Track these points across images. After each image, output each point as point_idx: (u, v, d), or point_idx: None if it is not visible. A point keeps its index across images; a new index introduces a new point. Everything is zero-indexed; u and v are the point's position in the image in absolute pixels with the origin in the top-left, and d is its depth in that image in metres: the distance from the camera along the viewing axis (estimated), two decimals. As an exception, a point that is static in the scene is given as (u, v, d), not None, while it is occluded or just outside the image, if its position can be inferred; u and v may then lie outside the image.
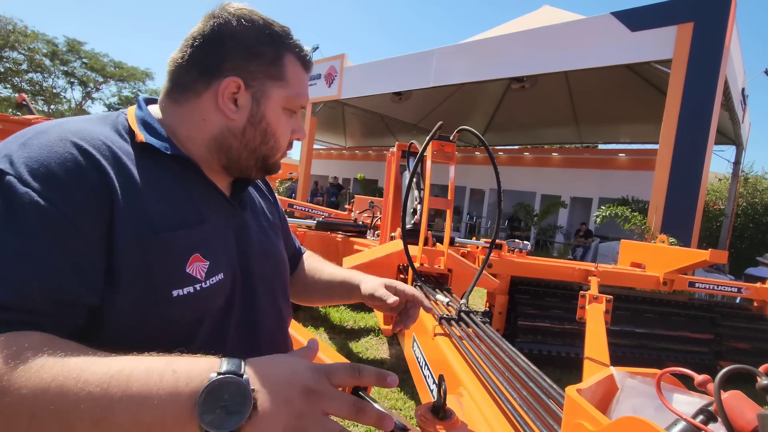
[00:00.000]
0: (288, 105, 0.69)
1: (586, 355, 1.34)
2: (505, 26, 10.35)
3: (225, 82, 0.64)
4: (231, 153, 0.68)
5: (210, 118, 0.66)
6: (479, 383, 0.81)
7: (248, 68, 0.65)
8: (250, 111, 0.66)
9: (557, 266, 3.29)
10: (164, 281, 0.57)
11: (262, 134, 0.68)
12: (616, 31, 5.53)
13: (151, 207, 0.57)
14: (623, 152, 13.67)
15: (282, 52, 0.67)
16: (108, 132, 0.59)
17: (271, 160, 0.72)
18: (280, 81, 0.67)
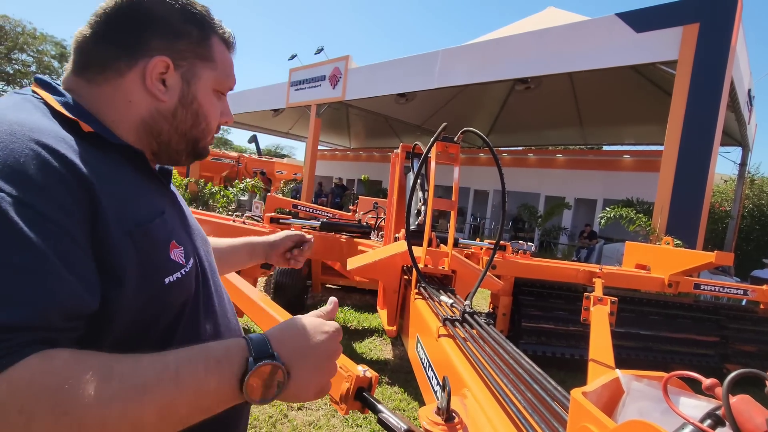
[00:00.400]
0: (218, 86, 0.68)
1: (591, 357, 1.34)
2: (510, 27, 10.33)
3: (153, 61, 0.60)
4: (161, 137, 0.65)
5: (137, 99, 0.61)
6: (483, 385, 0.80)
7: (176, 47, 0.62)
8: (180, 92, 0.64)
9: (561, 268, 3.28)
10: (156, 271, 0.57)
11: (193, 116, 0.66)
12: (621, 33, 5.51)
13: (124, 199, 0.55)
14: (628, 153, 13.60)
15: (208, 32, 0.65)
16: (52, 123, 0.53)
17: (202, 144, 0.70)
18: (209, 62, 0.66)
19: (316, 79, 10.14)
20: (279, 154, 41.63)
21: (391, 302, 1.80)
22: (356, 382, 0.88)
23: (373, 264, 1.77)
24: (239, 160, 16.18)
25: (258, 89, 12.77)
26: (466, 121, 13.05)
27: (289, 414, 2.47)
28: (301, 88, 10.66)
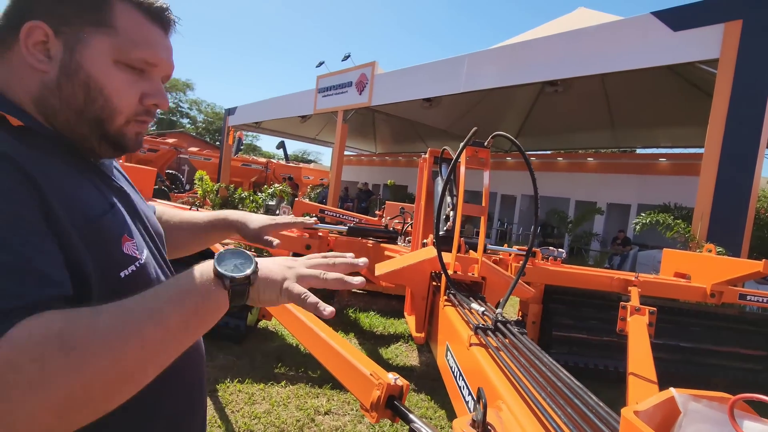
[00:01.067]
0: (121, 57, 0.58)
1: (631, 370, 1.27)
2: (539, 29, 10.16)
3: (26, 27, 0.54)
4: (56, 117, 0.57)
5: (23, 73, 0.56)
6: (519, 398, 0.78)
7: (59, 11, 0.55)
8: (62, 60, 0.56)
9: (594, 275, 3.17)
10: (111, 265, 0.56)
11: (83, 89, 0.57)
12: (658, 32, 5.32)
13: (71, 195, 0.53)
14: (664, 157, 13.09)
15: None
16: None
17: (109, 126, 0.60)
18: (103, 27, 0.57)
19: (343, 85, 10.25)
20: (306, 159, 42.28)
21: (419, 309, 1.78)
22: (387, 390, 0.86)
23: (401, 270, 1.76)
24: (267, 165, 16.51)
25: (286, 96, 13.03)
26: (493, 125, 12.90)
27: (317, 418, 2.48)
28: (329, 94, 10.81)
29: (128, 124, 0.62)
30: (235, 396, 2.59)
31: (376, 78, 9.37)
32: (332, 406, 2.61)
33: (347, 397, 2.72)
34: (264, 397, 2.62)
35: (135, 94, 0.60)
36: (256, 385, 2.73)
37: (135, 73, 0.60)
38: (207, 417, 2.25)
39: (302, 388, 2.77)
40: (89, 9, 0.56)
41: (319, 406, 2.58)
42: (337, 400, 2.68)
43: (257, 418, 2.40)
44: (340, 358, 1.05)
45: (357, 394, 0.97)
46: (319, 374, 2.96)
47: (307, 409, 2.54)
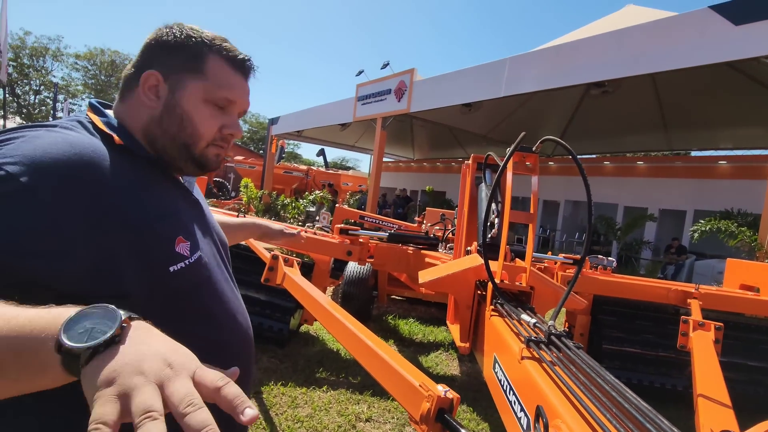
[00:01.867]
0: (209, 97, 0.75)
1: (699, 392, 1.17)
2: (584, 29, 9.81)
3: (147, 74, 0.73)
4: (156, 142, 0.75)
5: (139, 109, 0.75)
6: (580, 417, 0.73)
7: (169, 63, 0.74)
8: (166, 100, 0.74)
9: (649, 286, 2.98)
10: (161, 261, 0.68)
11: (178, 120, 0.74)
12: (717, 26, 4.98)
13: (138, 201, 0.66)
14: (724, 159, 12.19)
15: (203, 50, 0.75)
16: (91, 139, 0.66)
17: (194, 149, 0.76)
18: (198, 74, 0.74)
19: (381, 92, 10.33)
20: (345, 166, 42.93)
21: (463, 318, 1.74)
22: (437, 403, 0.84)
23: (445, 278, 1.73)
24: (308, 172, 16.90)
25: (326, 105, 13.30)
26: (535, 129, 12.55)
27: (357, 425, 2.48)
28: (368, 102, 10.92)
29: (208, 147, 0.78)
30: (279, 399, 2.64)
31: (415, 84, 9.37)
32: (373, 413, 2.60)
33: (388, 405, 2.71)
34: (306, 401, 2.66)
35: (216, 124, 0.77)
36: (298, 389, 2.77)
37: (218, 109, 0.77)
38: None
39: (343, 394, 2.78)
40: (189, 62, 0.74)
41: (360, 413, 2.58)
42: (378, 408, 2.67)
43: (300, 421, 2.43)
44: (387, 366, 1.04)
45: (405, 405, 0.95)
46: (359, 380, 2.96)
47: (348, 415, 2.55)
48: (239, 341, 0.85)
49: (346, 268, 4.10)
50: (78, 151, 0.61)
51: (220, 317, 0.80)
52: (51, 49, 28.68)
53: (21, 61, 27.38)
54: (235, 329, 0.84)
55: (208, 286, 0.79)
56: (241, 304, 0.92)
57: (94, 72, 30.31)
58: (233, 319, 0.84)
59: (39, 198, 0.55)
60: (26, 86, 28.34)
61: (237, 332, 0.84)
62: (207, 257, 0.80)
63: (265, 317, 3.29)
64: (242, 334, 0.86)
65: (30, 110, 28.03)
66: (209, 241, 0.84)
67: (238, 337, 0.85)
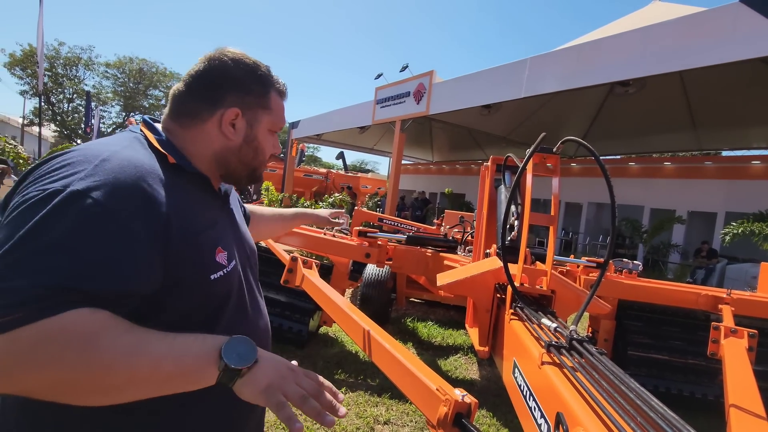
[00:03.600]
0: (272, 127, 0.88)
1: (731, 401, 1.12)
2: (608, 27, 9.60)
3: (229, 111, 0.81)
4: (230, 167, 0.86)
5: (213, 139, 0.83)
6: (602, 426, 0.71)
7: (245, 100, 0.83)
8: (245, 133, 0.84)
9: (677, 290, 2.87)
10: (204, 268, 0.75)
11: (254, 151, 0.86)
12: (749, 21, 4.78)
13: (188, 215, 0.73)
14: (757, 159, 11.69)
15: (268, 88, 0.86)
16: (150, 158, 0.74)
17: (258, 171, 0.90)
18: (267, 110, 0.86)
19: (400, 95, 10.32)
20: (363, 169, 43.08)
21: (482, 321, 1.72)
22: (455, 407, 0.83)
23: (464, 281, 1.71)
24: (328, 175, 17.03)
25: (345, 108, 13.38)
26: (556, 130, 12.31)
27: (376, 428, 2.48)
28: (386, 105, 10.93)
29: (264, 167, 0.92)
30: (298, 400, 2.66)
31: (434, 87, 9.33)
32: (391, 416, 2.59)
33: (407, 408, 2.69)
34: (325, 402, 2.67)
35: (272, 149, 0.90)
36: (317, 391, 2.79)
37: (272, 135, 0.90)
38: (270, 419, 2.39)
39: (362, 396, 2.78)
40: (260, 98, 0.85)
41: (378, 416, 2.58)
42: (396, 411, 2.66)
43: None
44: (404, 370, 1.03)
45: (422, 409, 0.94)
46: (378, 382, 2.96)
47: (366, 417, 2.55)
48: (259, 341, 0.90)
49: (365, 271, 4.11)
50: (142, 174, 0.67)
51: (244, 321, 0.87)
52: (83, 59, 29.83)
53: (56, 71, 28.57)
54: (255, 332, 0.90)
55: (239, 292, 0.86)
56: (263, 308, 0.99)
57: (123, 80, 31.37)
58: (255, 323, 0.92)
59: (122, 222, 0.62)
60: (60, 95, 29.52)
61: (256, 335, 0.88)
62: (240, 265, 0.87)
63: (284, 318, 3.32)
64: (260, 337, 0.93)
65: (64, 117, 29.19)
66: (241, 249, 0.92)
67: (258, 337, 0.89)
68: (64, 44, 28.98)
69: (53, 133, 29.59)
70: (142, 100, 31.37)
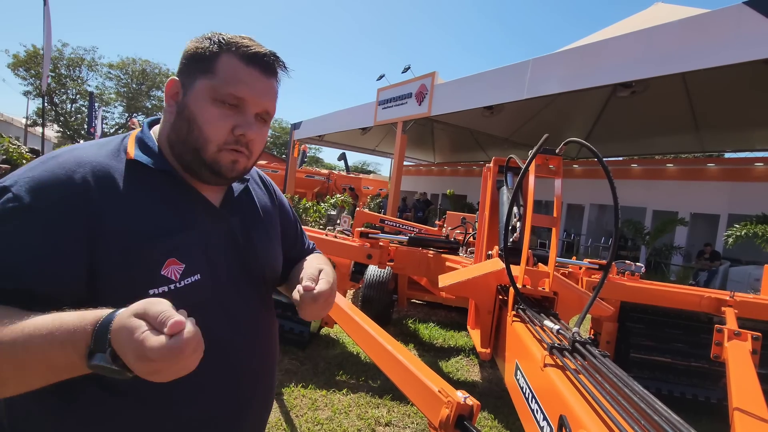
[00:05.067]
0: (215, 95, 0.70)
1: (735, 405, 1.11)
2: (611, 29, 9.58)
3: (167, 82, 0.72)
4: (174, 149, 0.73)
5: (167, 119, 0.74)
6: (606, 429, 0.71)
7: (187, 69, 0.72)
8: (178, 103, 0.72)
9: (680, 293, 2.86)
10: (142, 282, 0.65)
11: (186, 122, 0.70)
12: (752, 23, 4.77)
13: (133, 219, 0.65)
14: (761, 161, 11.66)
15: (217, 50, 0.70)
16: (105, 155, 0.68)
17: (204, 154, 0.71)
18: (207, 73, 0.70)
19: (402, 96, 10.33)
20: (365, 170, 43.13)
21: (484, 323, 1.71)
22: (457, 409, 0.83)
23: (466, 282, 1.71)
24: (329, 176, 17.05)
25: (347, 109, 13.39)
26: (559, 131, 12.27)
27: (377, 429, 2.47)
28: (388, 106, 10.94)
29: (220, 152, 0.72)
30: (299, 401, 2.66)
31: (436, 88, 9.33)
32: (393, 418, 2.58)
33: (408, 410, 2.69)
34: (326, 403, 2.67)
35: (226, 125, 0.71)
36: (318, 391, 2.79)
37: (229, 108, 0.71)
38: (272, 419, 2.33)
39: (363, 397, 2.78)
40: (202, 63, 0.71)
41: (379, 417, 2.57)
42: (398, 412, 2.66)
43: (320, 424, 2.44)
44: (406, 371, 1.03)
45: (424, 411, 0.94)
46: (379, 384, 2.96)
47: (368, 419, 2.54)
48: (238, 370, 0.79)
49: (367, 272, 4.11)
50: (78, 170, 0.63)
51: (220, 356, 0.74)
52: (86, 60, 29.96)
53: (59, 72, 28.70)
54: (234, 356, 0.78)
55: (206, 309, 0.70)
56: (263, 330, 0.85)
57: (126, 81, 31.50)
58: (237, 346, 0.78)
59: (34, 217, 0.59)
60: (63, 95, 29.66)
61: (237, 360, 0.78)
62: (216, 280, 0.74)
63: (286, 319, 3.32)
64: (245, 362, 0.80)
65: (67, 118, 29.32)
66: (229, 261, 0.78)
67: (238, 365, 0.79)
68: (68, 45, 29.18)
69: (56, 133, 29.71)
70: (145, 101, 31.49)
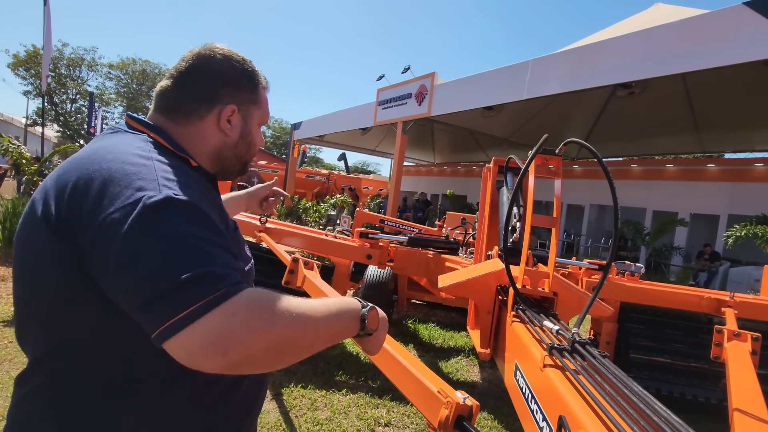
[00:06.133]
0: (261, 121, 0.91)
1: (735, 405, 1.11)
2: (610, 29, 9.59)
3: (227, 108, 0.83)
4: (226, 162, 0.88)
5: (211, 135, 0.84)
6: (605, 429, 0.71)
7: (239, 96, 0.85)
8: (241, 129, 0.87)
9: (680, 293, 2.86)
10: (242, 259, 0.79)
11: (248, 145, 0.90)
12: (751, 23, 4.77)
13: (222, 211, 0.79)
14: (761, 162, 11.67)
15: (256, 83, 0.88)
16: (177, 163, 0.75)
17: (248, 165, 0.95)
18: (257, 104, 0.89)
19: (402, 97, 10.33)
20: (365, 170, 43.14)
21: (484, 323, 1.71)
22: (456, 410, 0.83)
23: (466, 282, 1.70)
24: (329, 177, 17.06)
25: (347, 110, 13.39)
26: (558, 132, 12.25)
27: (377, 430, 2.47)
28: (388, 106, 10.93)
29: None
30: (299, 401, 2.65)
31: (436, 88, 9.33)
32: (392, 418, 2.58)
33: (408, 410, 2.68)
34: (326, 404, 2.66)
35: (261, 142, 0.95)
36: (318, 392, 2.78)
37: (259, 128, 0.93)
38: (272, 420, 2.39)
39: (362, 398, 2.78)
40: (251, 94, 0.87)
41: (379, 417, 2.57)
42: (397, 413, 2.66)
43: (319, 424, 2.44)
44: (405, 371, 1.03)
45: (423, 411, 0.94)
46: (379, 384, 2.95)
47: (367, 419, 2.54)
48: None
49: (366, 272, 4.11)
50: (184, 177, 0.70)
51: None
52: (86, 60, 29.97)
53: (59, 72, 28.70)
54: None
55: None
56: None
57: (126, 81, 31.51)
58: None
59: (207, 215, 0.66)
60: (63, 95, 29.66)
61: None
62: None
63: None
64: None
65: (67, 118, 29.33)
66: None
67: None
68: (68, 45, 29.16)
69: (56, 133, 29.71)
70: (145, 101, 31.52)
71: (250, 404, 0.87)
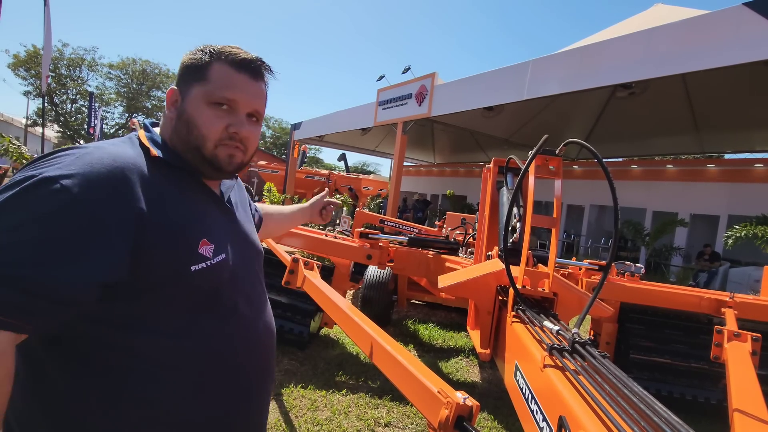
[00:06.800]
0: (210, 99, 0.81)
1: (735, 406, 1.11)
2: (610, 30, 9.59)
3: (168, 92, 0.84)
4: (177, 149, 0.82)
5: (166, 123, 0.85)
6: (605, 430, 0.71)
7: (183, 79, 0.83)
8: (177, 108, 0.83)
9: (680, 294, 2.86)
10: (184, 260, 0.75)
11: (185, 124, 0.81)
12: (752, 24, 4.77)
13: (169, 207, 0.75)
14: (761, 162, 11.67)
15: (209, 60, 0.81)
16: (136, 154, 0.76)
17: (204, 151, 0.81)
18: (201, 81, 0.81)
19: (402, 97, 10.32)
20: (365, 170, 43.13)
21: (484, 324, 1.71)
22: (456, 410, 0.82)
23: (466, 283, 1.70)
24: (329, 177, 17.05)
25: (348, 110, 13.39)
26: (558, 132, 12.25)
27: (377, 430, 2.47)
28: (389, 106, 10.93)
29: (217, 147, 0.82)
30: (299, 401, 2.65)
31: (436, 89, 9.32)
32: (392, 419, 2.58)
33: (408, 410, 2.68)
34: (326, 404, 2.66)
35: (220, 124, 0.82)
36: (318, 392, 2.78)
37: (222, 109, 0.82)
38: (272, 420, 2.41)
39: (362, 398, 2.78)
40: (196, 72, 0.82)
41: (379, 418, 2.57)
42: (397, 413, 2.65)
43: (319, 424, 2.43)
44: (405, 372, 1.03)
45: (423, 411, 0.94)
46: (378, 384, 2.95)
47: (367, 419, 2.54)
48: (255, 341, 0.92)
49: (366, 272, 4.11)
50: (119, 166, 0.69)
51: (235, 319, 0.86)
52: (86, 60, 29.96)
53: (59, 72, 28.69)
54: (250, 332, 0.90)
55: (231, 288, 0.85)
56: (267, 310, 0.99)
57: (126, 81, 31.50)
58: (251, 323, 0.91)
59: (89, 211, 0.64)
60: (63, 95, 29.64)
61: (252, 335, 0.90)
62: (233, 261, 0.85)
63: (285, 320, 3.32)
64: (260, 335, 0.93)
65: (67, 118, 29.30)
66: (242, 248, 0.92)
67: (255, 337, 0.91)
68: (68, 45, 29.16)
69: (56, 133, 29.70)
70: (145, 101, 31.52)
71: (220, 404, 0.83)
